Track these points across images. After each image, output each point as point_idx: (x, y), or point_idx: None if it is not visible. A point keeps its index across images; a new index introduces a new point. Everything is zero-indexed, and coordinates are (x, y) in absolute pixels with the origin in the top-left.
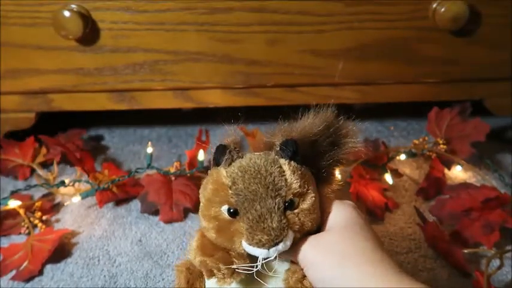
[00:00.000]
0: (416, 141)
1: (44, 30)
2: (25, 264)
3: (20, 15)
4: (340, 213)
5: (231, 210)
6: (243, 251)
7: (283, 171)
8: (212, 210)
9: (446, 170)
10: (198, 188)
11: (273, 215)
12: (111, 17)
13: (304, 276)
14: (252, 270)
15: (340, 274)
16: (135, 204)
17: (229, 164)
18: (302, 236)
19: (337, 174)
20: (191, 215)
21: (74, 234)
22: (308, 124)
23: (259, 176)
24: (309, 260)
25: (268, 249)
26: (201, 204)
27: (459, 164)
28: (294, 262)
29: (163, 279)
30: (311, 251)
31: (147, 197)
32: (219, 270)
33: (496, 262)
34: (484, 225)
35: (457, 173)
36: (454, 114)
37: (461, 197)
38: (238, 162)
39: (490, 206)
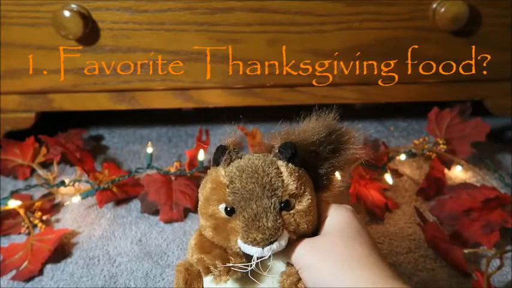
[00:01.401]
0: (416, 141)
1: (44, 30)
2: (25, 264)
3: (20, 15)
4: (338, 217)
5: (228, 209)
6: (238, 250)
7: (281, 173)
8: (210, 209)
9: (446, 170)
10: (198, 188)
11: (268, 214)
12: (111, 17)
13: (299, 280)
14: (247, 269)
15: (335, 278)
16: (135, 204)
17: (228, 164)
18: (298, 237)
19: (338, 178)
20: (191, 215)
21: (74, 234)
22: (310, 130)
23: (256, 175)
24: (305, 263)
25: (263, 248)
26: (200, 202)
27: (459, 164)
28: (290, 264)
29: (163, 279)
30: (307, 254)
31: (147, 197)
32: (215, 267)
33: (496, 262)
34: (484, 225)
35: (457, 173)
36: (454, 114)
37: (461, 197)
38: (237, 162)
39: (490, 206)
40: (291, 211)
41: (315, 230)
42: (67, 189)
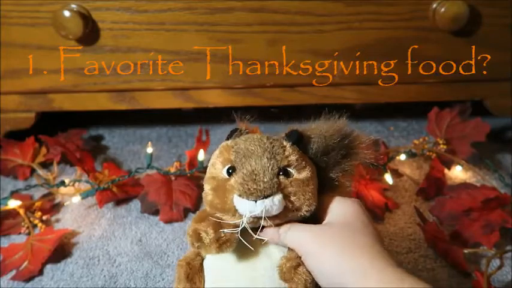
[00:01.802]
0: (416, 141)
1: (44, 30)
2: (25, 264)
3: (20, 15)
4: (343, 209)
5: (230, 171)
6: (234, 208)
7: (284, 146)
8: (213, 172)
9: (446, 170)
10: (198, 188)
11: (265, 172)
12: (111, 17)
13: (298, 265)
14: (238, 229)
15: (337, 266)
16: (135, 204)
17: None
18: (295, 213)
19: (347, 182)
20: (191, 215)
21: (74, 234)
22: (324, 133)
23: (259, 141)
24: (308, 250)
25: (256, 201)
26: (207, 173)
27: (459, 164)
28: (291, 249)
29: (163, 279)
30: (311, 241)
31: (147, 197)
32: (206, 234)
33: (496, 262)
34: (484, 225)
35: (457, 173)
36: (454, 114)
37: (461, 197)
38: (246, 135)
39: (490, 206)
40: (289, 178)
41: (314, 216)
42: (67, 189)
